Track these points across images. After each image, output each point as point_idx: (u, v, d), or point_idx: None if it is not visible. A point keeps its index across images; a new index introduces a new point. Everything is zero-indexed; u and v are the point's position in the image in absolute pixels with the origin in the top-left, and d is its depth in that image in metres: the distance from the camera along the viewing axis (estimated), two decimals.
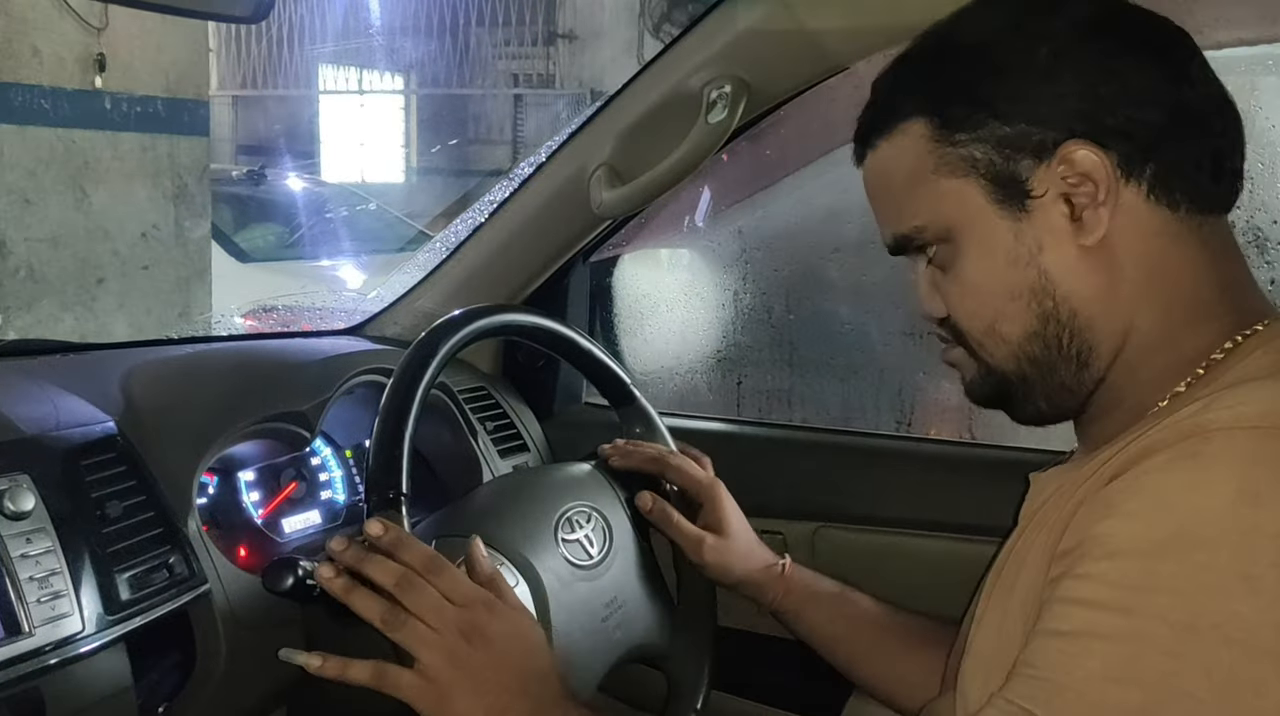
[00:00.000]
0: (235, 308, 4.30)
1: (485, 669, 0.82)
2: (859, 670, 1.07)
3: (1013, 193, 0.73)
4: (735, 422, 1.55)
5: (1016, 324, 0.75)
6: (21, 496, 0.88)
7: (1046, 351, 0.75)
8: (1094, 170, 0.71)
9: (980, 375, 0.79)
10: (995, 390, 0.79)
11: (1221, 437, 0.62)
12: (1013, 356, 0.76)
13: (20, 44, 4.08)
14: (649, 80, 1.24)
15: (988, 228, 0.74)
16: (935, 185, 0.76)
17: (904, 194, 0.78)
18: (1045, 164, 0.72)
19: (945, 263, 0.77)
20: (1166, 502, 0.62)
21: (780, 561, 1.11)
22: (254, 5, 0.77)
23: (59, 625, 0.86)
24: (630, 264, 1.64)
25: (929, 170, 0.76)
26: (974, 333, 0.77)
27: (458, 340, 1.03)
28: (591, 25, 10.42)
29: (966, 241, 0.75)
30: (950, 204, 0.75)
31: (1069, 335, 0.74)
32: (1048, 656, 0.64)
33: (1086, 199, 0.72)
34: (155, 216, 4.58)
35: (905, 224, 0.78)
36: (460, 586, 0.85)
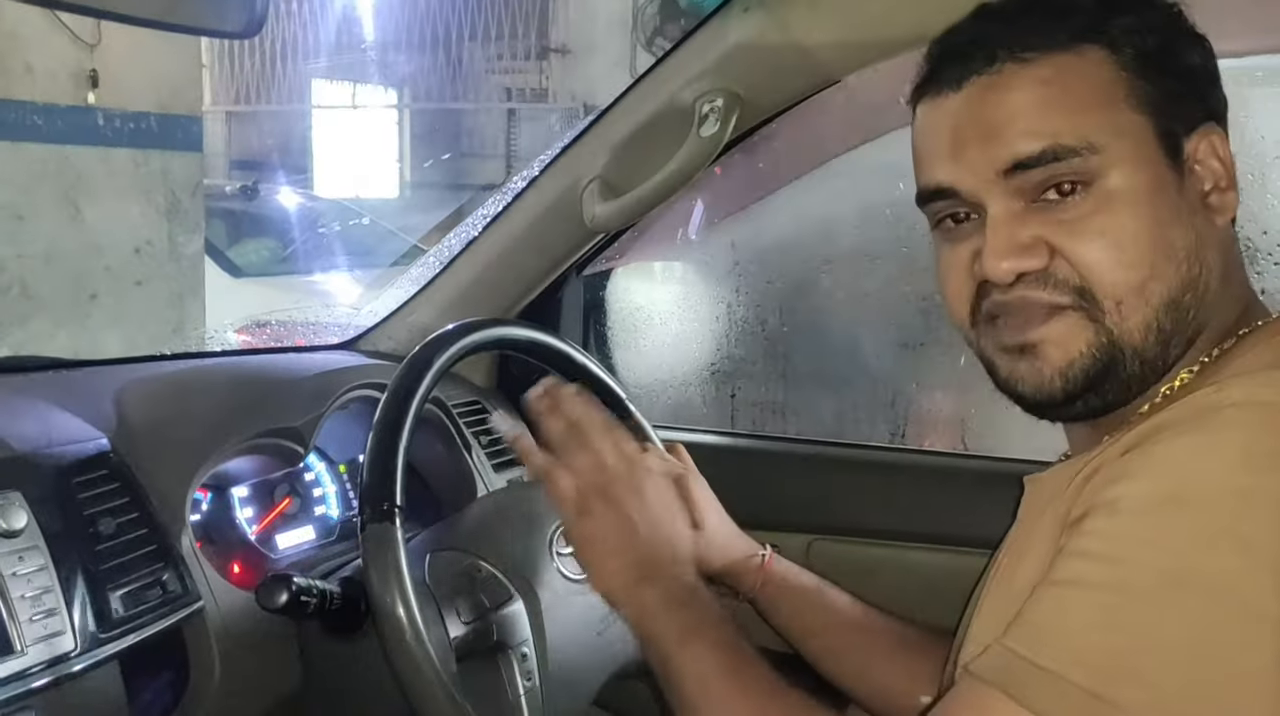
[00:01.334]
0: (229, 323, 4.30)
1: (627, 510, 0.91)
2: (831, 666, 1.07)
3: (1175, 148, 0.72)
4: (729, 435, 1.55)
5: (1165, 285, 0.70)
6: (13, 514, 0.88)
7: (1173, 327, 0.71)
8: (1226, 156, 0.73)
9: (1097, 348, 0.71)
10: (1104, 370, 0.71)
11: (1232, 411, 0.63)
12: (1144, 326, 0.70)
13: (13, 60, 4.08)
14: (641, 94, 1.24)
15: (1159, 173, 0.71)
16: (1122, 113, 0.71)
17: (1081, 109, 0.70)
18: (1193, 135, 0.73)
19: (1090, 202, 0.70)
20: (1170, 465, 0.63)
21: (761, 552, 1.11)
22: (246, 21, 0.77)
23: (51, 643, 0.86)
24: (624, 277, 1.64)
25: (1120, 97, 0.71)
26: (1118, 289, 0.70)
27: (452, 354, 1.03)
28: (584, 39, 10.45)
29: (1135, 182, 0.70)
30: (1130, 138, 0.70)
31: (1194, 311, 0.71)
32: (1042, 604, 0.65)
33: (1214, 182, 0.73)
34: (148, 232, 4.58)
35: (1074, 137, 0.69)
36: (632, 448, 0.96)
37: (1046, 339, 0.72)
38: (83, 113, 4.29)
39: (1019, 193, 0.71)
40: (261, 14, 0.77)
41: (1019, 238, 0.71)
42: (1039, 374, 0.73)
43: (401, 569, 0.90)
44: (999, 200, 0.72)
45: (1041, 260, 0.71)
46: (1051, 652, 0.62)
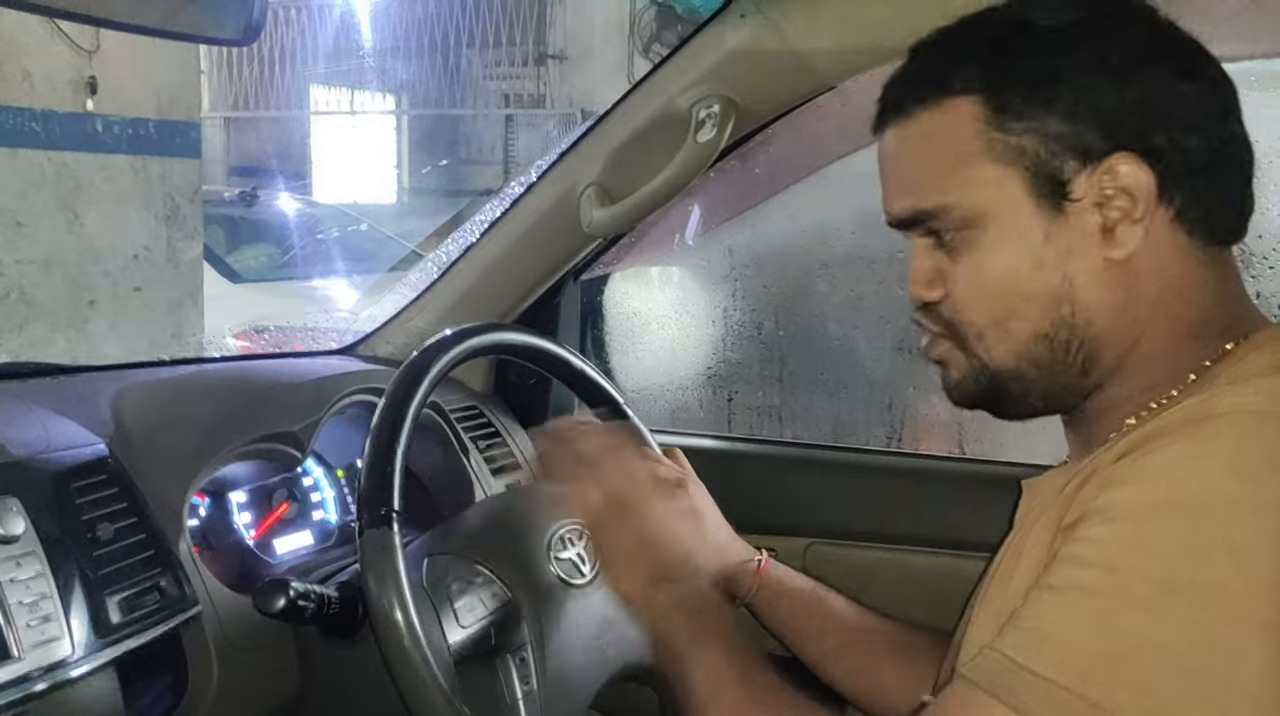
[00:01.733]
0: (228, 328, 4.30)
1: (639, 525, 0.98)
2: (829, 669, 1.07)
3: (1053, 192, 0.72)
4: (726, 439, 1.55)
5: (1027, 323, 0.74)
6: (11, 520, 0.88)
7: (1051, 354, 0.74)
8: (1136, 187, 0.71)
9: (972, 372, 0.77)
10: (987, 389, 0.77)
11: (1223, 419, 0.64)
12: (1013, 354, 0.75)
13: (11, 67, 4.09)
14: (638, 100, 1.25)
15: (1021, 222, 0.73)
16: (977, 168, 0.73)
17: (939, 169, 0.75)
18: (1089, 170, 0.71)
19: (960, 249, 0.75)
20: (1162, 473, 0.63)
21: (758, 557, 1.11)
22: (243, 28, 0.78)
23: (48, 649, 0.86)
24: (621, 282, 1.65)
25: (976, 152, 0.73)
26: (977, 325, 0.75)
27: (450, 359, 1.03)
28: (582, 46, 10.46)
29: (994, 232, 0.73)
30: (989, 191, 0.73)
31: (1078, 343, 0.74)
32: (1035, 609, 0.65)
33: (1120, 213, 0.71)
34: (147, 238, 4.58)
35: (930, 199, 0.75)
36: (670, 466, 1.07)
37: (940, 358, 0.80)
38: (81, 119, 4.29)
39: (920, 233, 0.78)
40: (259, 21, 0.77)
41: (923, 270, 0.78)
42: (945, 385, 0.81)
43: (399, 573, 0.90)
44: (914, 237, 0.79)
45: (939, 293, 0.77)
46: (1044, 657, 0.62)
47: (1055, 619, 0.63)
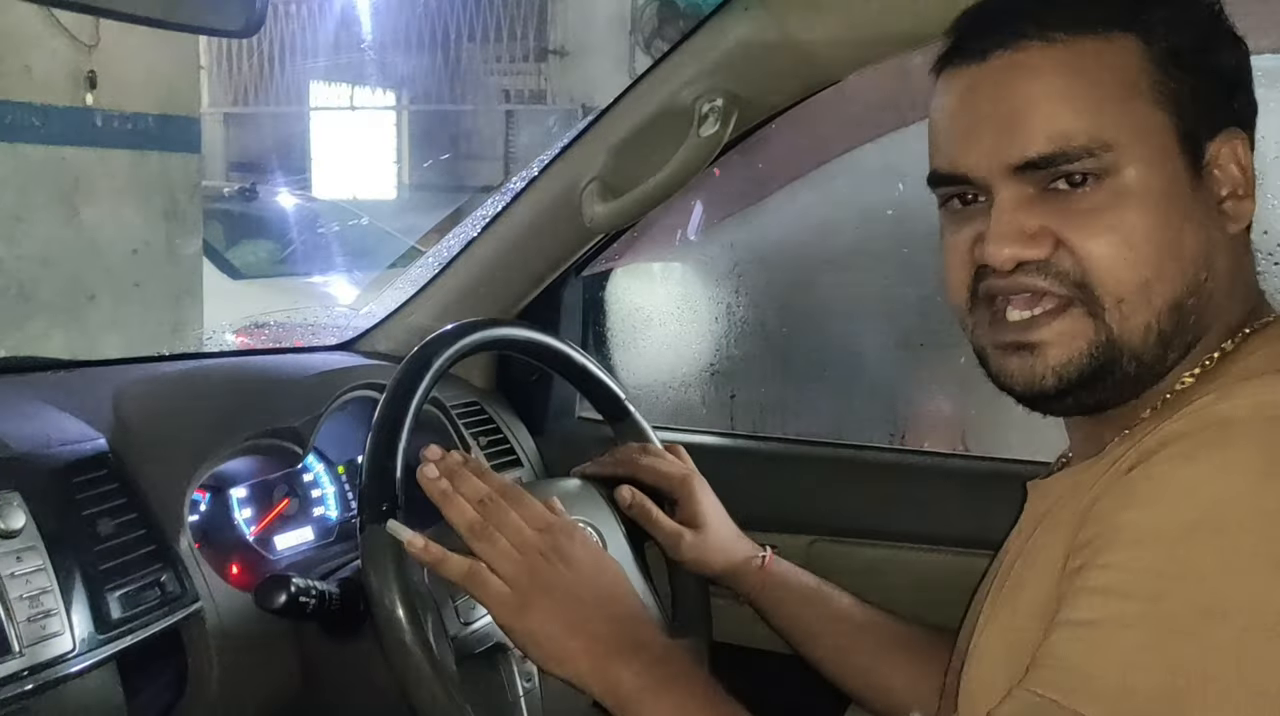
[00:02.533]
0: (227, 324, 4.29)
1: (565, 586, 0.84)
2: (831, 666, 1.07)
3: (1196, 150, 0.70)
4: (729, 436, 1.55)
5: (1170, 287, 0.69)
6: (11, 514, 0.88)
7: (1176, 328, 0.70)
8: (1246, 165, 0.71)
9: (1095, 347, 0.70)
10: (1100, 369, 0.70)
11: (1243, 426, 0.62)
12: (1143, 327, 0.69)
13: (11, 61, 4.08)
14: (640, 94, 1.24)
15: (1173, 174, 0.69)
16: (1143, 109, 0.69)
17: (1101, 103, 0.68)
18: (1218, 137, 0.71)
19: (1101, 197, 0.68)
20: (1190, 489, 0.61)
21: (762, 554, 1.11)
22: (245, 20, 0.77)
23: (49, 644, 0.86)
24: (623, 277, 1.64)
25: (1141, 91, 0.69)
26: (1121, 287, 0.68)
27: (451, 355, 1.03)
28: (582, 41, 10.45)
29: (1150, 180, 0.68)
30: (1151, 134, 0.69)
31: (1197, 317, 0.70)
32: (1070, 646, 0.62)
33: (1232, 189, 0.71)
34: (146, 233, 4.57)
35: (1088, 135, 0.68)
36: (541, 513, 0.89)
37: (1047, 341, 0.71)
38: (81, 114, 4.28)
39: (1030, 181, 0.70)
40: (260, 13, 0.77)
41: (1024, 225, 0.70)
42: (1031, 371, 0.72)
43: (400, 570, 0.90)
44: (1008, 186, 0.71)
45: (1044, 250, 0.70)
46: (1093, 699, 0.59)
47: (1098, 655, 0.60)
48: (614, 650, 0.82)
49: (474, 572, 0.85)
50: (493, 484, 0.90)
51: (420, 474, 0.89)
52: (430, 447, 0.92)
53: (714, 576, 1.13)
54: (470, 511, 0.87)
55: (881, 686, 1.03)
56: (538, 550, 0.86)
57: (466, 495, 0.88)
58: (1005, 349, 0.73)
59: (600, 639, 0.83)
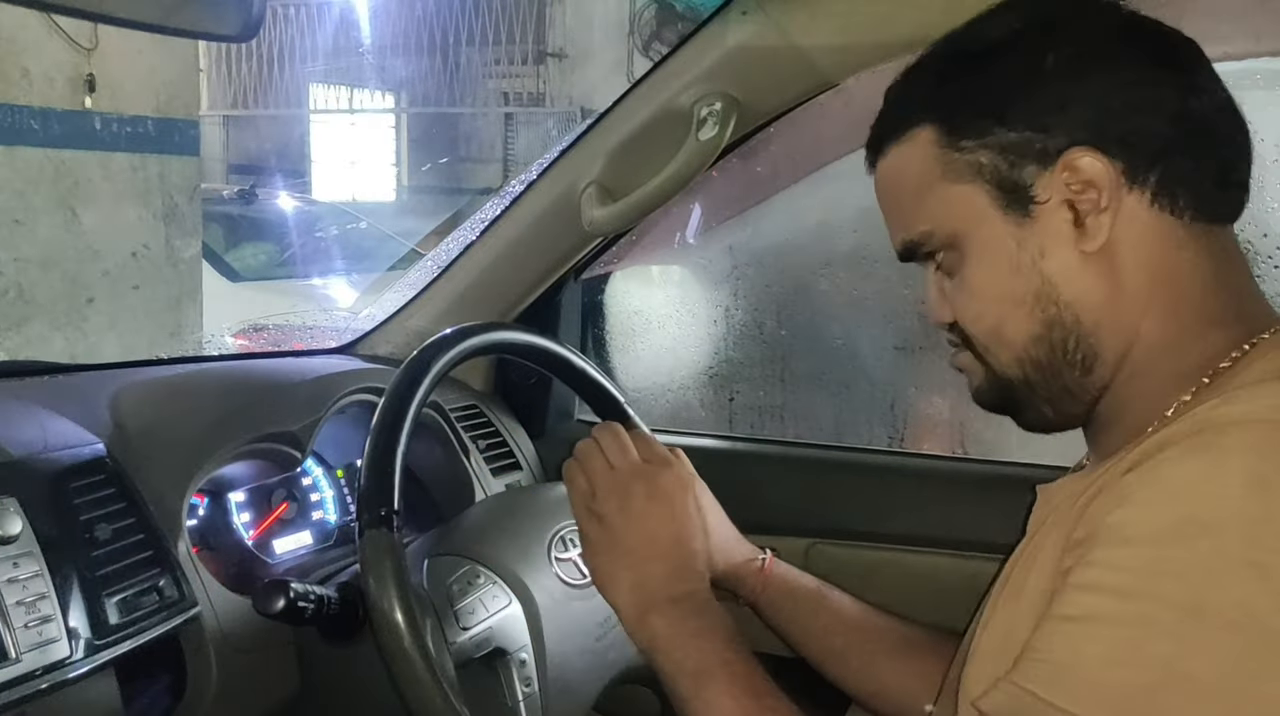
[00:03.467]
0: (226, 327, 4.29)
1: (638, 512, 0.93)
2: (832, 668, 1.06)
3: (1017, 199, 0.74)
4: (728, 439, 1.55)
5: (1020, 328, 0.75)
6: (8, 520, 0.87)
7: (1051, 355, 0.75)
8: (1097, 177, 0.71)
9: (987, 380, 0.79)
10: (1001, 395, 0.79)
11: (1235, 430, 0.62)
12: (1016, 360, 0.77)
13: (10, 64, 4.08)
14: (639, 98, 1.24)
15: (992, 233, 0.75)
16: (943, 191, 0.76)
17: (912, 200, 0.78)
18: (1049, 170, 0.72)
19: (952, 268, 0.78)
20: (1177, 490, 0.62)
21: (761, 556, 1.11)
22: (242, 24, 0.77)
23: (46, 650, 0.85)
24: (622, 281, 1.64)
25: (937, 176, 0.76)
26: (979, 337, 0.78)
27: (450, 358, 1.03)
28: (581, 44, 10.46)
29: (971, 247, 0.76)
30: (956, 210, 0.76)
31: (1074, 340, 0.74)
32: (1052, 640, 0.63)
33: (1089, 205, 0.72)
34: (146, 236, 4.57)
35: (913, 230, 0.79)
36: (654, 446, 1.00)
37: (962, 367, 0.82)
38: (80, 117, 4.28)
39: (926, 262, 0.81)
40: (258, 17, 0.77)
41: (932, 296, 0.81)
42: (971, 393, 0.82)
43: (399, 574, 0.89)
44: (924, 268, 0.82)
45: (949, 315, 0.80)
46: (1070, 693, 0.60)
47: (1078, 650, 0.61)
48: (656, 593, 0.89)
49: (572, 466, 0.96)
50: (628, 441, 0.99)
51: None
52: None
53: (713, 579, 1.12)
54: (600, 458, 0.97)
55: (883, 687, 1.03)
56: (631, 471, 0.95)
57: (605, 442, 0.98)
58: None
59: (647, 579, 0.90)
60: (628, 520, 0.92)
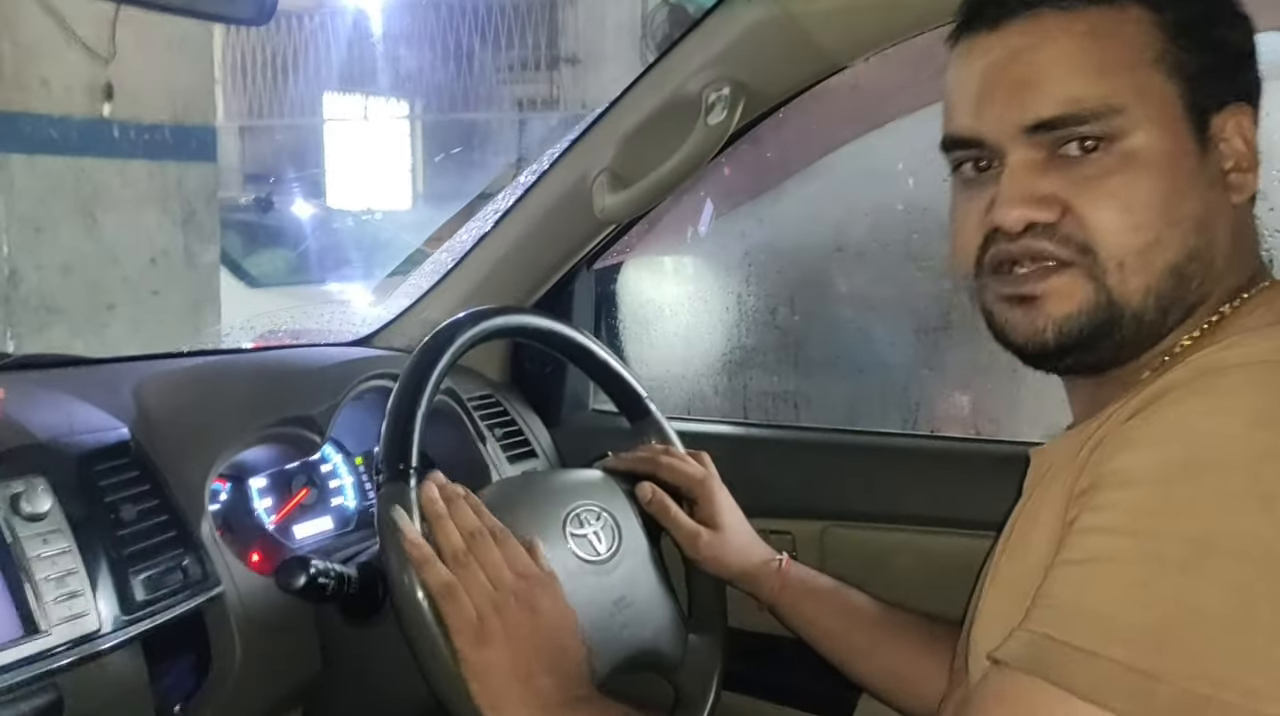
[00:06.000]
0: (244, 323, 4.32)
1: (524, 634, 0.87)
2: (854, 667, 1.07)
3: (1201, 121, 0.72)
4: (743, 425, 1.56)
5: (1169, 251, 0.71)
6: (38, 498, 0.89)
7: (1175, 291, 0.72)
8: (1250, 140, 0.73)
9: (1091, 305, 0.72)
10: (1100, 326, 0.72)
11: (1236, 371, 0.63)
12: (1144, 288, 0.71)
13: (28, 74, 4.12)
14: (648, 85, 1.26)
15: (1179, 142, 0.71)
16: (1147, 77, 0.71)
17: (1111, 69, 0.70)
18: (1224, 109, 0.72)
19: (1105, 162, 0.71)
20: (1180, 431, 0.62)
21: (778, 557, 1.12)
22: (257, 8, 0.79)
23: (76, 624, 0.87)
24: (634, 269, 1.65)
25: (1149, 59, 0.71)
26: (1121, 250, 0.71)
27: (471, 335, 1.05)
28: (594, 49, 10.48)
29: (1154, 147, 0.70)
30: (1156, 102, 0.71)
31: (1199, 280, 0.72)
32: (1062, 584, 0.63)
33: (1234, 161, 0.73)
34: (164, 242, 4.61)
35: (1097, 99, 0.70)
36: (524, 560, 0.92)
37: (1047, 293, 0.73)
38: (98, 125, 4.32)
39: (1040, 145, 0.72)
40: (272, 1, 0.78)
41: (1034, 189, 0.72)
42: (1032, 324, 0.74)
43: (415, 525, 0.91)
44: (1019, 150, 0.72)
45: (1053, 214, 0.71)
46: (1087, 632, 0.60)
47: (1092, 591, 0.62)
48: (551, 703, 0.86)
49: (451, 588, 0.88)
50: (486, 522, 0.94)
51: (421, 491, 0.93)
52: (435, 473, 0.96)
53: (730, 578, 1.13)
54: (458, 537, 0.91)
55: (905, 681, 1.03)
56: (511, 591, 0.89)
57: (459, 524, 0.92)
58: (1009, 302, 0.75)
59: (542, 692, 0.87)
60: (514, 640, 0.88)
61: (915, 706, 1.02)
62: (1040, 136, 0.72)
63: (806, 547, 1.32)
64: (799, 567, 1.12)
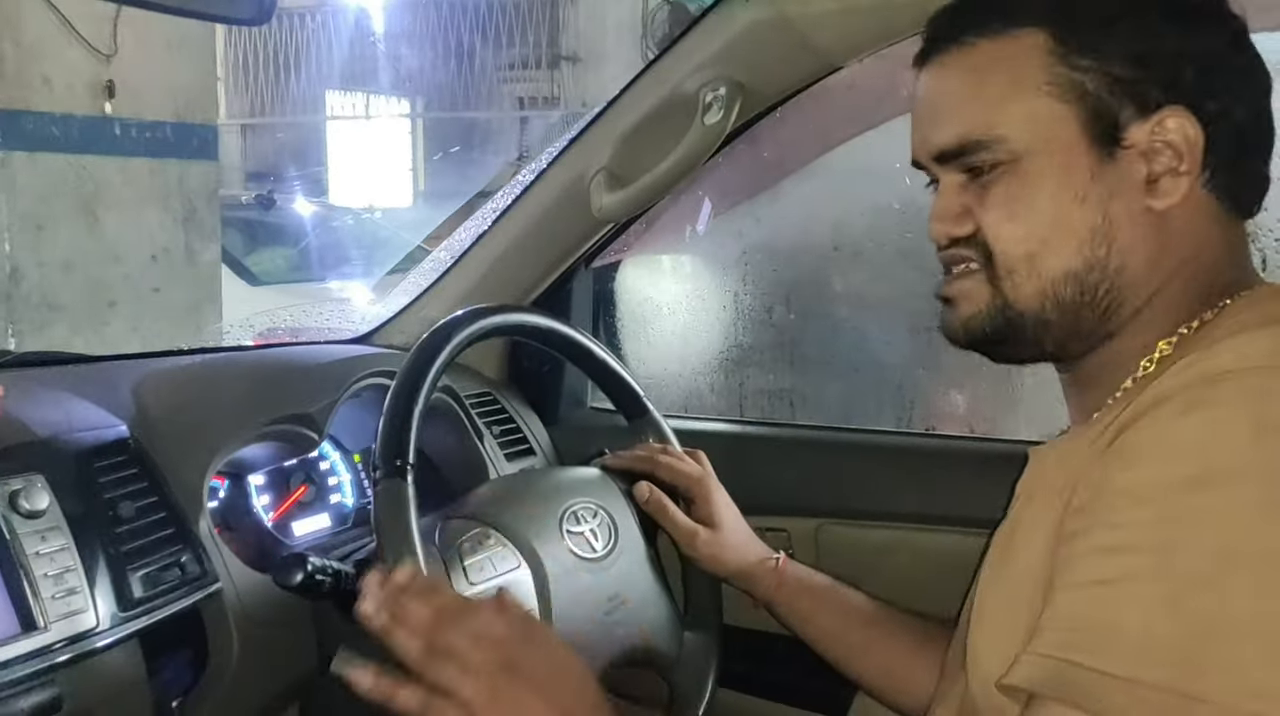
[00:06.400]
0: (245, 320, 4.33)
1: (528, 699, 0.79)
2: (850, 665, 1.07)
3: (1106, 135, 0.72)
4: (739, 423, 1.56)
5: (1059, 260, 0.74)
6: (36, 495, 0.90)
7: (1078, 296, 0.74)
8: (1184, 142, 0.72)
9: (990, 308, 0.76)
10: (998, 327, 0.77)
11: (1231, 379, 0.63)
12: (1039, 294, 0.75)
13: (30, 72, 4.13)
14: (646, 85, 1.26)
15: (1071, 159, 0.73)
16: (1035, 102, 0.73)
17: (997, 100, 0.74)
18: (1143, 119, 0.72)
19: (1000, 182, 0.75)
20: (1186, 444, 0.62)
21: (775, 556, 1.12)
22: (257, 8, 0.79)
23: (74, 621, 0.88)
24: (632, 268, 1.66)
25: (1036, 86, 0.73)
26: (1009, 258, 0.75)
27: (470, 333, 1.05)
28: (595, 48, 10.48)
29: (1042, 166, 0.73)
30: (1043, 126, 0.73)
31: (1106, 287, 0.74)
32: (1085, 606, 0.63)
33: (1165, 166, 0.72)
34: (165, 240, 4.62)
35: (984, 129, 0.74)
36: (494, 624, 0.81)
37: (955, 294, 0.79)
38: (100, 123, 4.33)
39: (955, 168, 0.78)
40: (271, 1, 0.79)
41: (950, 207, 0.78)
42: (949, 322, 0.81)
43: (410, 523, 0.91)
44: (942, 173, 0.79)
45: (967, 228, 0.77)
46: (1119, 657, 0.59)
47: (1116, 613, 0.61)
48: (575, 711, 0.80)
49: (431, 705, 0.78)
50: (439, 603, 0.83)
51: (359, 609, 0.84)
52: (369, 576, 0.85)
53: (727, 576, 1.14)
54: (416, 642, 0.80)
55: (900, 680, 1.04)
56: (494, 668, 0.79)
57: (414, 623, 0.81)
58: (940, 300, 0.82)
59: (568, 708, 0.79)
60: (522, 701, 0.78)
61: (908, 703, 1.02)
62: (951, 162, 0.78)
63: (802, 545, 1.32)
64: (795, 566, 1.12)
